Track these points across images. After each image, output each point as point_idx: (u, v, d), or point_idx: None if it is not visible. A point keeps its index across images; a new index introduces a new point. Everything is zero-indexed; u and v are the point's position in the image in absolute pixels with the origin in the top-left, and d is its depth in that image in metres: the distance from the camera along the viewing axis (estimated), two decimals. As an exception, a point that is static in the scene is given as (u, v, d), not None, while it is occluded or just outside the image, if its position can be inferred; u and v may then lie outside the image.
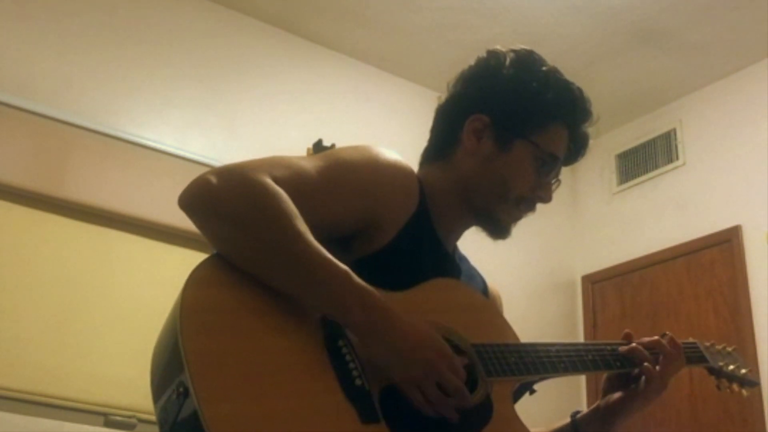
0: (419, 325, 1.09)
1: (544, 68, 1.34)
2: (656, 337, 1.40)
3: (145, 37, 3.67)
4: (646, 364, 1.35)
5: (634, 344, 1.38)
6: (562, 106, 1.33)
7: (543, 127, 1.32)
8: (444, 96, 1.40)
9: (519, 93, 1.32)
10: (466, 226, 1.38)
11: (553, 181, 1.35)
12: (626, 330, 1.42)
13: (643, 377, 1.35)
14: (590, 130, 1.39)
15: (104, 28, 3.56)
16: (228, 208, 1.05)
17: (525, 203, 1.33)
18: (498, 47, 1.37)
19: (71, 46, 3.45)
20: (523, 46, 1.37)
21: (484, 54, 1.37)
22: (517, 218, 1.35)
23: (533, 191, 1.32)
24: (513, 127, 1.31)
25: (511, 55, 1.35)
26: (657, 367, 1.36)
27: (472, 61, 1.39)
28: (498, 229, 1.34)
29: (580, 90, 1.36)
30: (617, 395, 1.38)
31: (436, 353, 1.07)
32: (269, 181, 1.07)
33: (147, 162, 3.43)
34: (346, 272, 1.06)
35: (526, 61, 1.35)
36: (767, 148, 3.98)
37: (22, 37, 3.34)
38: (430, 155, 1.38)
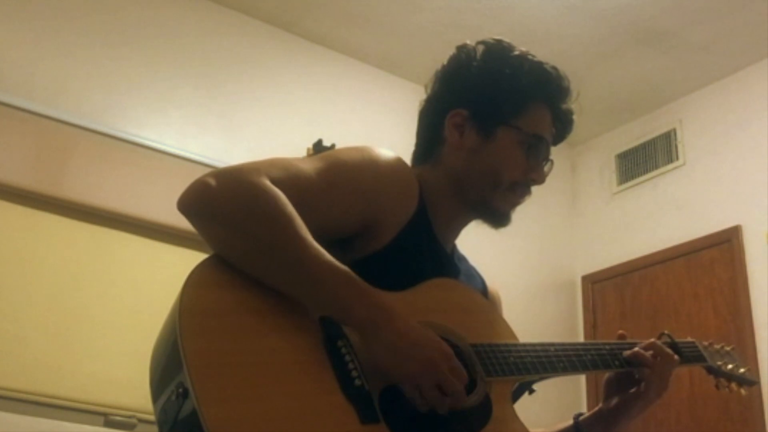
0: (418, 327, 1.08)
1: (515, 53, 1.34)
2: (652, 340, 1.40)
3: (145, 37, 3.67)
4: (645, 367, 1.35)
5: (636, 349, 1.37)
6: (537, 86, 1.32)
7: (522, 109, 1.31)
8: (424, 98, 1.40)
9: (492, 81, 1.32)
10: (464, 224, 1.38)
11: (544, 163, 1.35)
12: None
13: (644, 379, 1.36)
14: (575, 107, 1.38)
15: (104, 28, 3.56)
16: (226, 211, 1.05)
17: (519, 188, 1.32)
18: (467, 42, 1.37)
19: (71, 46, 3.45)
20: (492, 37, 1.37)
21: (454, 51, 1.38)
22: (514, 204, 1.34)
23: (525, 175, 1.32)
24: (492, 115, 1.31)
25: (481, 47, 1.36)
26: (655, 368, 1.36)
27: None
28: (497, 218, 1.34)
29: (554, 68, 1.36)
30: (619, 397, 1.38)
31: (438, 353, 1.07)
32: (267, 183, 1.07)
33: (147, 162, 3.43)
34: (345, 271, 1.06)
35: (496, 49, 1.35)
36: (767, 148, 3.99)
37: (22, 37, 3.34)
38: (419, 157, 1.38)
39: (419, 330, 1.08)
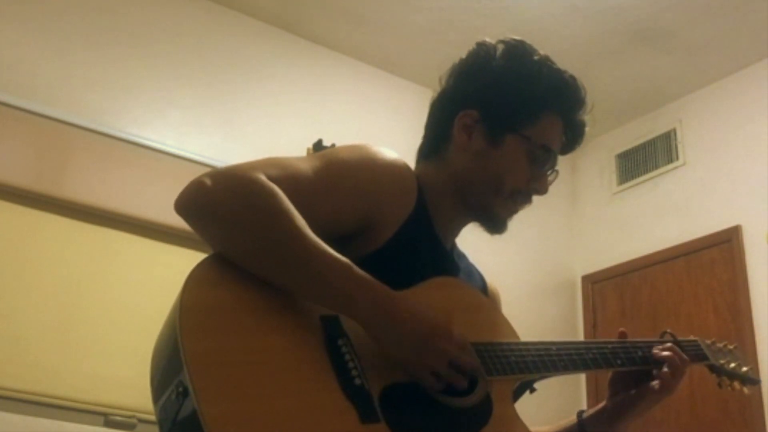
0: (423, 310, 1.09)
1: (535, 57, 1.31)
2: (669, 344, 1.39)
3: (145, 37, 3.67)
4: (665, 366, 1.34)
5: (666, 353, 1.36)
6: (553, 95, 1.30)
7: (534, 118, 1.29)
8: (436, 91, 1.38)
9: (508, 85, 1.29)
10: (464, 223, 1.37)
11: (549, 173, 1.33)
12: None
13: (656, 376, 1.34)
14: (587, 119, 1.35)
15: (104, 28, 3.56)
16: (224, 209, 1.05)
17: (520, 196, 1.31)
18: (487, 39, 1.34)
19: (71, 46, 3.45)
20: (514, 37, 1.34)
21: (473, 47, 1.35)
22: (513, 212, 1.33)
23: (528, 184, 1.30)
24: (503, 121, 1.29)
25: (501, 46, 1.32)
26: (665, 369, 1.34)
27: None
28: (494, 224, 1.33)
29: (573, 78, 1.33)
30: (626, 395, 1.37)
31: (444, 338, 1.08)
32: (265, 180, 1.07)
33: (147, 162, 3.43)
34: (347, 265, 1.06)
35: (517, 51, 1.32)
36: (767, 148, 3.99)
37: (22, 37, 3.34)
38: (425, 152, 1.37)
39: (421, 316, 1.08)
